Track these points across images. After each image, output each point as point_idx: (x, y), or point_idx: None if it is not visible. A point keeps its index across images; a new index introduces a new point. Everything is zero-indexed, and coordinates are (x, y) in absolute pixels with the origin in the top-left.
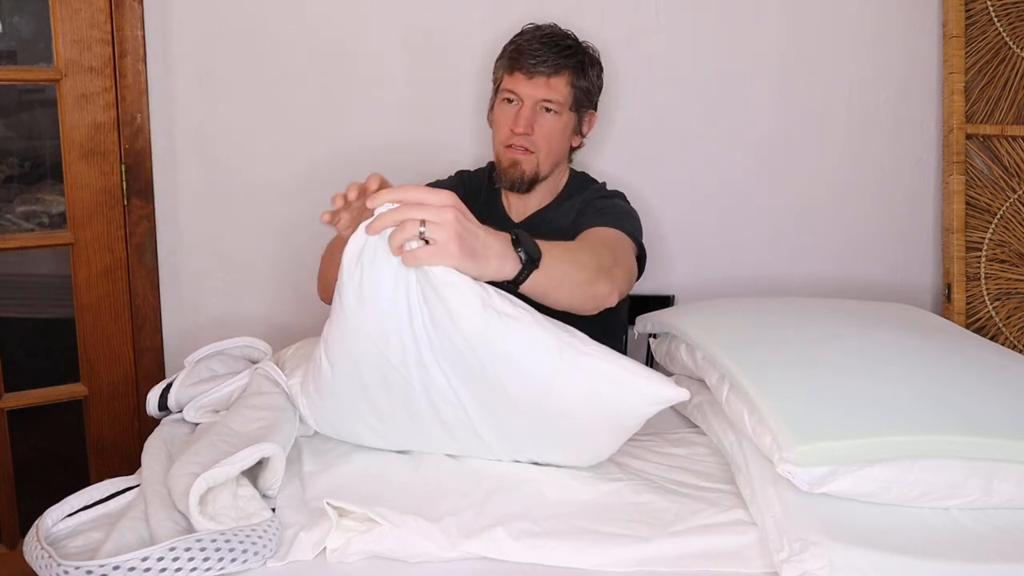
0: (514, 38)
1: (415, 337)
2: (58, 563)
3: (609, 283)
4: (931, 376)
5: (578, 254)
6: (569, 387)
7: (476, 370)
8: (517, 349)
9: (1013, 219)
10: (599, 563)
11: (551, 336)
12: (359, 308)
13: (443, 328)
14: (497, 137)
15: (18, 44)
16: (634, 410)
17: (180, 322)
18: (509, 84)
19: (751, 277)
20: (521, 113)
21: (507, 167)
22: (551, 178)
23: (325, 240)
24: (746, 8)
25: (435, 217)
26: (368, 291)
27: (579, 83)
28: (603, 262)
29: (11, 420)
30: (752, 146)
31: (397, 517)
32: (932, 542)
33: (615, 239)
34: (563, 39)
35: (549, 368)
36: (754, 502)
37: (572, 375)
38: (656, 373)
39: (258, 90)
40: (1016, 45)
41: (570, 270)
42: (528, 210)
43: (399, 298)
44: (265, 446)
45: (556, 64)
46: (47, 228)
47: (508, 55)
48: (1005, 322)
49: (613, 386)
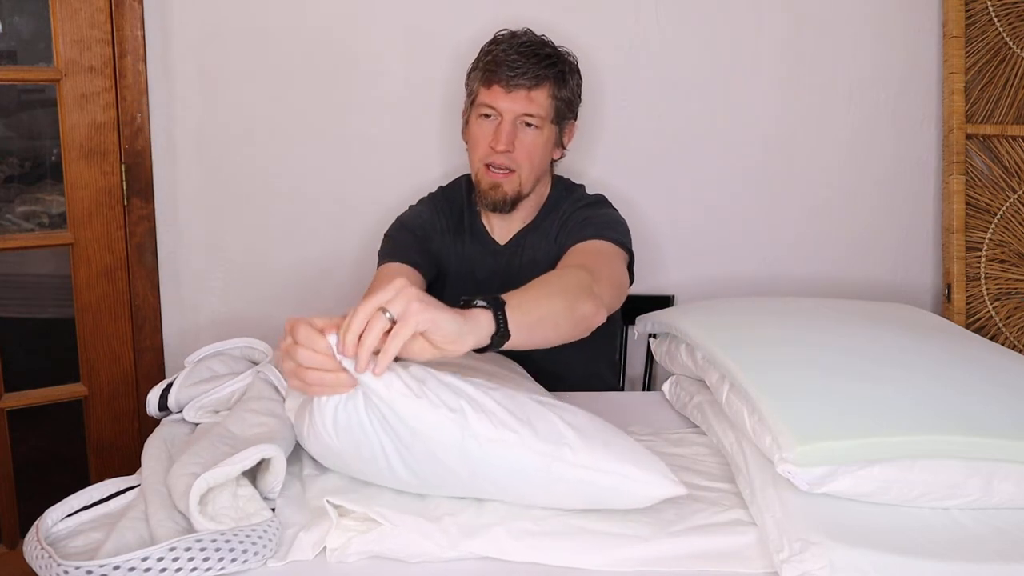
0: (488, 47)
1: (400, 465)
2: (58, 563)
3: (592, 302)
4: (931, 376)
5: (549, 285)
6: (558, 492)
7: (467, 483)
8: (503, 473)
9: (1013, 219)
10: (599, 563)
11: (537, 456)
12: (333, 452)
13: (423, 459)
14: (475, 154)
15: (18, 44)
16: (628, 506)
17: (180, 322)
18: (487, 98)
19: (751, 277)
20: (501, 129)
21: (487, 189)
22: (533, 193)
23: (325, 240)
24: (746, 9)
25: (389, 297)
26: (342, 443)
27: (560, 94)
28: (580, 282)
29: (11, 420)
30: (752, 146)
31: (397, 516)
32: (932, 542)
33: (597, 251)
34: (541, 47)
35: (538, 484)
36: (754, 502)
37: (562, 486)
38: (652, 465)
39: (258, 90)
40: (1016, 45)
41: (545, 302)
42: (512, 230)
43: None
44: (266, 447)
45: (536, 76)
46: (47, 228)
47: (484, 66)
48: (1005, 322)
49: (607, 493)
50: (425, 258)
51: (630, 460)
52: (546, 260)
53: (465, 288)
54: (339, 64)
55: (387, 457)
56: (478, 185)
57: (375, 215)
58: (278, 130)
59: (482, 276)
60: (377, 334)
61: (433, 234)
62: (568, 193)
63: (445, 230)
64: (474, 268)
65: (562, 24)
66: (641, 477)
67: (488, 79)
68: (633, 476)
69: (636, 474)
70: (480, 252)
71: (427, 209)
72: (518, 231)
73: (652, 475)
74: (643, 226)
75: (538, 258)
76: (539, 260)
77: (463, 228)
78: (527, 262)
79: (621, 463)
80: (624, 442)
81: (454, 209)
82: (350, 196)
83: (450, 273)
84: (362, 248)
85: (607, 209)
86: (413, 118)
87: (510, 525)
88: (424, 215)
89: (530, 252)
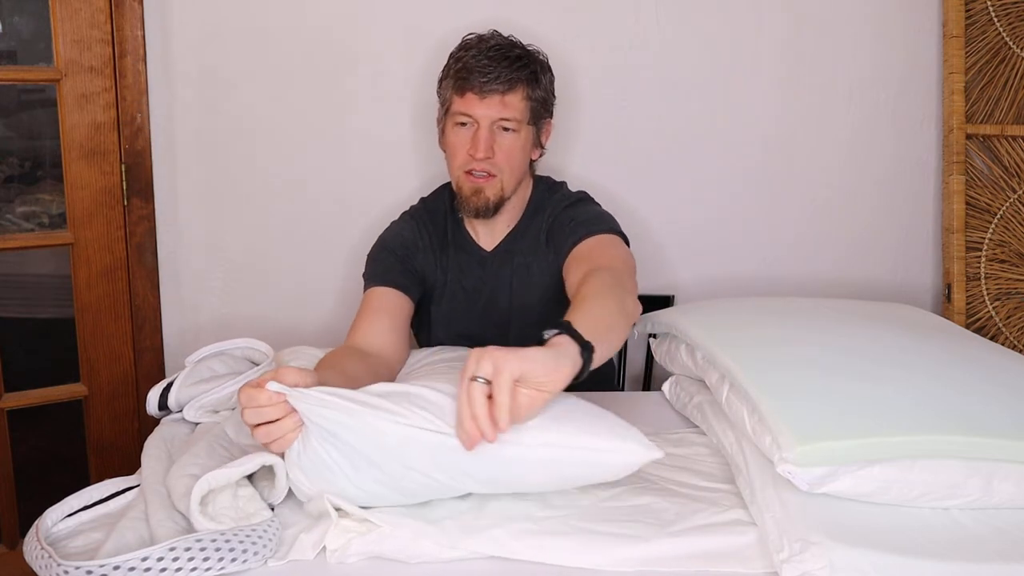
0: (457, 53)
1: (378, 487)
2: (58, 563)
3: (631, 296)
4: (931, 376)
5: (594, 295)
6: (538, 477)
7: (448, 484)
8: (476, 468)
9: (1013, 219)
10: (599, 563)
11: (499, 444)
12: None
13: (397, 474)
14: (454, 162)
15: (18, 44)
16: (607, 478)
17: (180, 322)
18: (461, 107)
19: (751, 277)
20: (479, 136)
21: (469, 195)
22: (515, 196)
23: (325, 240)
24: (746, 9)
25: (472, 366)
26: (317, 487)
27: (535, 95)
28: (614, 282)
29: (11, 420)
30: (752, 146)
31: (396, 519)
32: (932, 542)
33: (599, 245)
34: (511, 49)
35: (516, 471)
36: (754, 502)
37: (539, 469)
38: (625, 432)
39: (258, 90)
40: (1016, 45)
41: (601, 311)
42: (497, 236)
43: (344, 484)
44: (270, 456)
45: (509, 79)
46: (47, 228)
47: (455, 74)
48: (1005, 322)
49: (583, 468)
50: (409, 278)
51: (601, 432)
52: (536, 263)
53: (454, 299)
54: (339, 64)
55: (360, 486)
56: (459, 192)
57: (375, 215)
58: (278, 130)
59: (470, 285)
60: (482, 402)
61: (416, 251)
62: (551, 193)
63: (428, 246)
64: (461, 278)
65: (562, 24)
66: (612, 446)
67: (461, 87)
68: (603, 447)
69: (606, 443)
70: (466, 261)
71: (407, 226)
72: (504, 236)
73: (624, 445)
74: (643, 226)
75: (528, 261)
76: (529, 263)
77: (447, 240)
78: (518, 267)
79: (591, 436)
80: (593, 417)
81: (436, 221)
82: (350, 196)
83: (437, 286)
84: (362, 248)
85: (591, 205)
86: (413, 118)
87: (510, 526)
88: (405, 233)
89: (520, 257)
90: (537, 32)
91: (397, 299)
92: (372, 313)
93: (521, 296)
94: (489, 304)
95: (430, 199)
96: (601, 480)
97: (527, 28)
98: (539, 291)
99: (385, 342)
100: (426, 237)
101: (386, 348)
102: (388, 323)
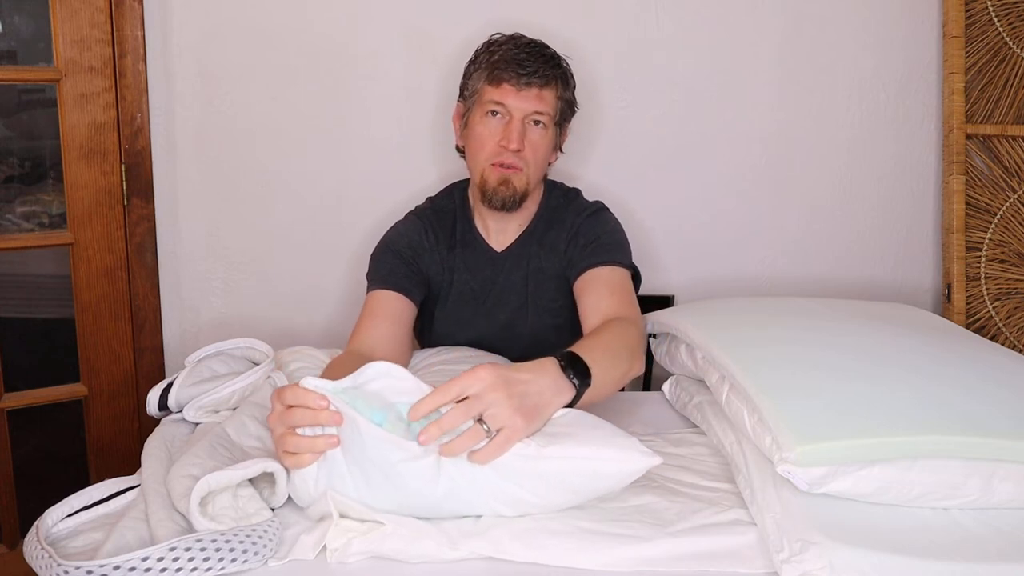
0: (490, 47)
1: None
2: (58, 563)
3: (639, 360)
4: (931, 376)
5: (614, 347)
6: (540, 489)
7: (445, 506)
8: (477, 490)
9: (1013, 219)
10: (599, 563)
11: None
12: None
13: (400, 498)
14: (481, 154)
15: (18, 44)
16: (611, 488)
17: (180, 322)
18: (496, 96)
19: (751, 277)
20: (512, 127)
21: (497, 185)
22: (532, 196)
23: (325, 240)
24: (746, 9)
25: (487, 405)
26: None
27: (565, 95)
28: (631, 341)
29: (11, 420)
30: (752, 147)
31: (397, 520)
32: (932, 542)
33: (620, 287)
34: (544, 48)
35: (522, 486)
36: (754, 502)
37: (540, 482)
38: (624, 442)
39: (258, 90)
40: (1016, 45)
41: (611, 371)
42: (509, 236)
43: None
44: (271, 462)
45: (546, 75)
46: (47, 228)
47: (490, 65)
48: (1005, 322)
49: (584, 479)
50: (413, 281)
51: (600, 445)
52: (553, 272)
53: (460, 299)
54: (339, 64)
55: (372, 503)
56: (485, 184)
57: (375, 215)
58: (278, 130)
59: (477, 284)
60: (470, 447)
61: (421, 252)
62: (568, 201)
63: (434, 246)
64: (468, 278)
65: (562, 24)
66: (611, 456)
67: (497, 77)
68: (605, 456)
69: (607, 453)
70: (475, 260)
71: (413, 226)
72: (517, 237)
73: (621, 456)
74: (643, 226)
75: (544, 267)
76: (545, 269)
77: (455, 239)
78: (533, 271)
79: (590, 446)
80: (590, 428)
81: (444, 221)
82: (350, 196)
83: (443, 287)
84: (361, 248)
85: (610, 221)
86: (412, 118)
87: (510, 526)
88: (410, 233)
89: (536, 262)
90: (537, 33)
91: (399, 303)
92: (374, 318)
93: (537, 300)
94: (497, 304)
95: (438, 198)
96: (605, 492)
97: (527, 29)
98: (551, 294)
99: (387, 347)
100: (432, 237)
101: (389, 354)
102: (389, 328)
